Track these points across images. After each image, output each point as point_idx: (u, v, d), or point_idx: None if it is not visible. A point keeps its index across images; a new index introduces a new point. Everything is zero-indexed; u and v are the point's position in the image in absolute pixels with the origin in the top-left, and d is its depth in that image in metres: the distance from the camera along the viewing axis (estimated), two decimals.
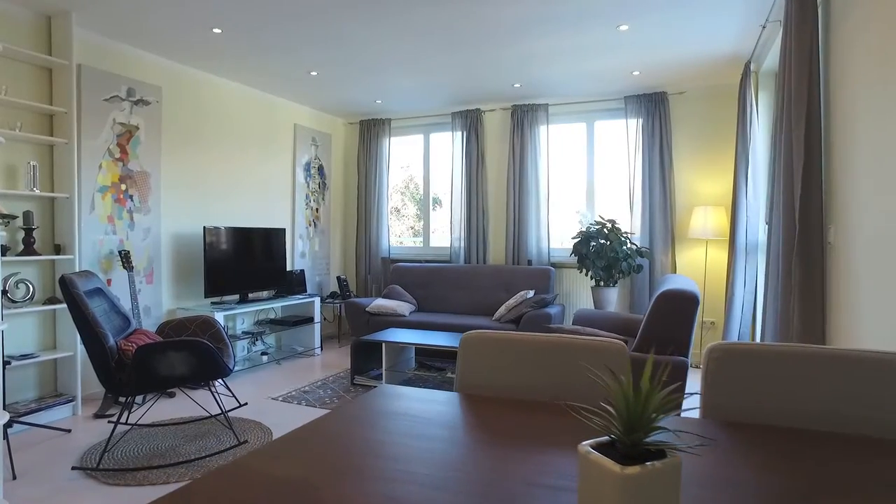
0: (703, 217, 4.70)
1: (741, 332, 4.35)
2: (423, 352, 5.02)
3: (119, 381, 2.57)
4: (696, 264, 5.04)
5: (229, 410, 2.98)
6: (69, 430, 3.09)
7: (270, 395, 3.84)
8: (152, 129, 4.10)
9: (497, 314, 4.86)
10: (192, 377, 2.63)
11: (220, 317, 4.08)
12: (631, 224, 5.15)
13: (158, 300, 4.15)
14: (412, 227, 6.64)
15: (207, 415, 3.32)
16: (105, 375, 2.54)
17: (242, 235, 4.67)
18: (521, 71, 4.54)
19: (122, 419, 3.16)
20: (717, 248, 4.95)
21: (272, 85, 4.95)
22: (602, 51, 4.02)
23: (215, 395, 2.93)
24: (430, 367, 4.32)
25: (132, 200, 3.96)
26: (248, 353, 4.91)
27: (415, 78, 4.75)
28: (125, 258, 3.75)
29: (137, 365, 2.51)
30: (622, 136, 5.36)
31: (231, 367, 2.81)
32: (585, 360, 1.28)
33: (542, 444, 1.02)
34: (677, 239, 5.09)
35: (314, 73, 4.58)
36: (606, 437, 0.71)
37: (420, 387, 4.11)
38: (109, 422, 2.98)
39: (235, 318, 4.78)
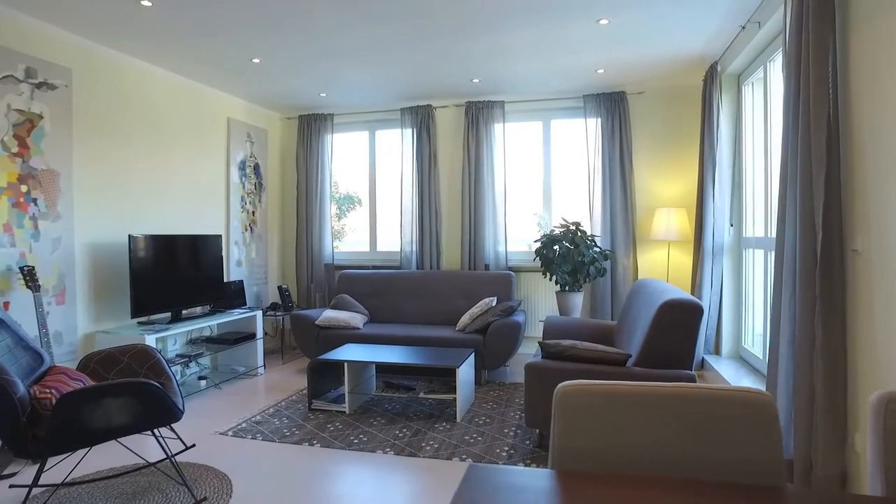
0: (667, 219, 4.66)
1: (707, 334, 4.34)
2: (385, 368, 4.64)
3: (33, 439, 2.01)
4: (658, 266, 5.02)
5: (176, 454, 2.48)
6: None
7: (217, 429, 3.31)
8: (60, 118, 3.42)
9: (460, 324, 4.57)
10: (135, 427, 2.12)
11: (151, 340, 3.48)
12: (591, 226, 5.04)
13: (72, 323, 3.48)
14: (331, 228, 6.21)
15: (145, 463, 2.76)
16: (13, 435, 1.98)
17: (173, 244, 4.05)
18: (485, 65, 4.27)
19: (33, 479, 2.55)
20: (677, 249, 4.94)
21: (205, 73, 4.35)
22: (575, 46, 3.83)
23: (158, 438, 2.41)
24: (398, 386, 3.94)
25: (36, 205, 3.28)
26: (182, 378, 4.29)
27: (367, 70, 4.34)
28: (29, 275, 3.08)
29: (61, 419, 1.97)
30: (580, 136, 5.25)
31: (182, 408, 2.31)
32: (725, 416, 1.01)
33: None
34: (638, 241, 5.04)
35: (256, 61, 4.06)
36: None
37: (387, 408, 3.73)
38: (11, 486, 2.38)
39: (166, 339, 4.15)
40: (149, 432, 2.46)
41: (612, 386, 1.05)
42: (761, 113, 3.71)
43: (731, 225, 4.22)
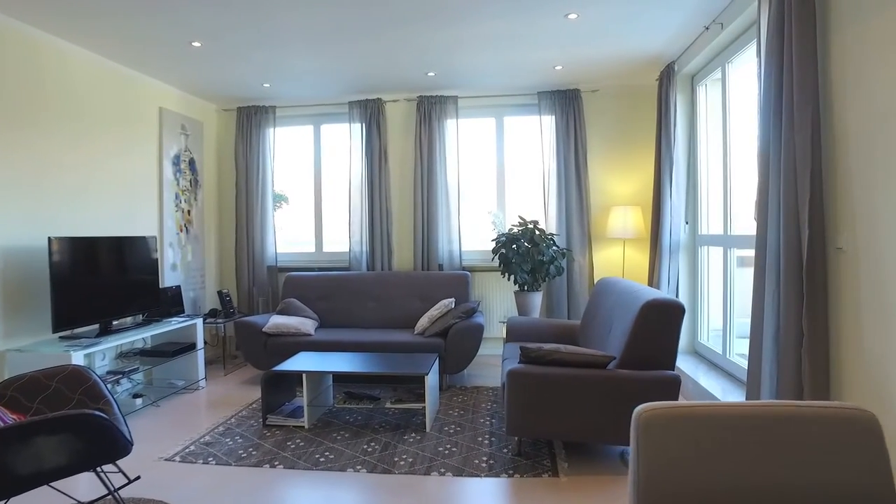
0: (623, 217, 4.70)
1: None
2: (344, 377, 4.36)
3: None
4: (613, 264, 5.06)
5: (118, 489, 2.14)
6: None
7: (162, 454, 2.95)
8: None
9: (419, 327, 4.39)
10: (73, 468, 1.79)
11: (79, 356, 3.06)
12: (546, 225, 5.00)
13: None
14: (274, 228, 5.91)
15: None
16: None
17: (101, 247, 3.61)
18: (443, 58, 4.11)
19: None
20: (632, 247, 5.01)
21: (137, 57, 3.90)
22: (539, 40, 3.74)
23: (99, 472, 2.07)
24: (361, 396, 3.71)
25: None
26: (114, 396, 3.82)
27: (318, 59, 4.06)
28: None
29: None
30: (534, 133, 5.20)
31: (130, 438, 1.99)
32: (825, 436, 0.91)
33: None
34: (594, 239, 5.06)
35: (197, 44, 3.68)
36: None
37: (348, 420, 3.48)
38: None
39: (94, 355, 3.69)
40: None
41: (701, 408, 0.93)
42: (718, 113, 3.79)
43: (687, 223, 4.31)
